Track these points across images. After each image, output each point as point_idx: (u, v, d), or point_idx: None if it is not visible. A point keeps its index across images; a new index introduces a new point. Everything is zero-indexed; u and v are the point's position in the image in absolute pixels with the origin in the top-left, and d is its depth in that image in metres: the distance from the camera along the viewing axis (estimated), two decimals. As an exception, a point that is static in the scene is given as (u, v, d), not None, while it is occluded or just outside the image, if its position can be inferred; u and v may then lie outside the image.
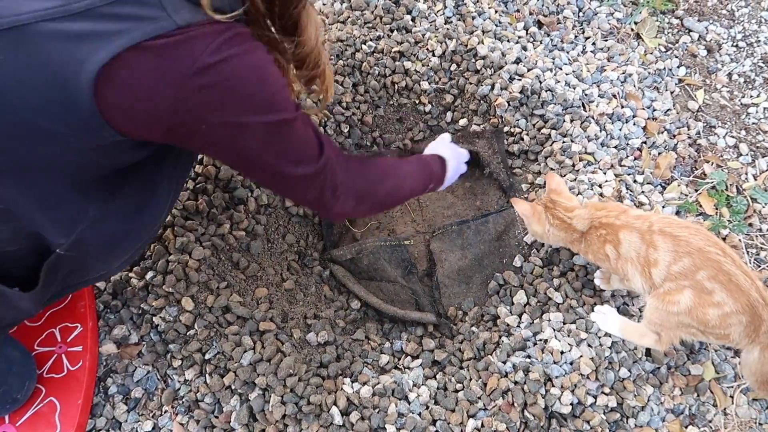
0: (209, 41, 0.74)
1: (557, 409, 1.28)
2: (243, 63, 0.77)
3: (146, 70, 0.71)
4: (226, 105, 0.78)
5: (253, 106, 0.80)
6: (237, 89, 0.78)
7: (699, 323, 1.17)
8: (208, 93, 0.75)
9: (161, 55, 0.71)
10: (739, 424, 1.35)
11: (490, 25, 1.86)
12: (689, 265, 1.16)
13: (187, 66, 0.73)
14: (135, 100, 0.73)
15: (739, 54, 1.98)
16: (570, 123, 1.70)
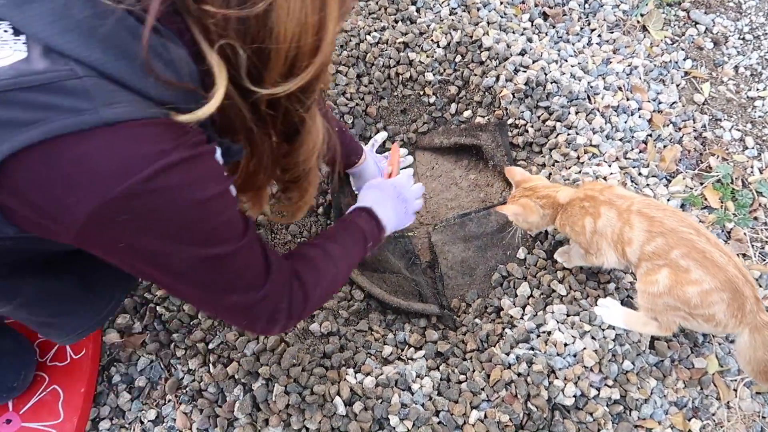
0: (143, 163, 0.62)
1: (560, 401, 1.28)
2: (185, 196, 0.66)
3: (56, 177, 0.60)
4: (153, 233, 0.67)
5: (187, 239, 0.70)
6: (171, 222, 0.67)
7: (682, 303, 1.18)
8: (131, 219, 0.64)
9: (79, 163, 0.60)
10: (742, 417, 1.35)
11: (495, 17, 1.84)
12: (662, 244, 1.18)
13: (110, 186, 0.61)
14: (36, 208, 0.62)
15: (745, 47, 1.96)
16: (575, 115, 1.69)
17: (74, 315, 0.97)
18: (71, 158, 0.60)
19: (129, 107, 0.62)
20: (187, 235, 0.69)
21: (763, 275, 1.50)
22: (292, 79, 0.72)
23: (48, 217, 0.63)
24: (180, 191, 0.66)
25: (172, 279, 0.75)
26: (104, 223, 0.63)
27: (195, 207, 0.68)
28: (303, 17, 0.67)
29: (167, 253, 0.70)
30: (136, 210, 0.63)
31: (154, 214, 0.65)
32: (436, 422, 1.25)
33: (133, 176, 0.61)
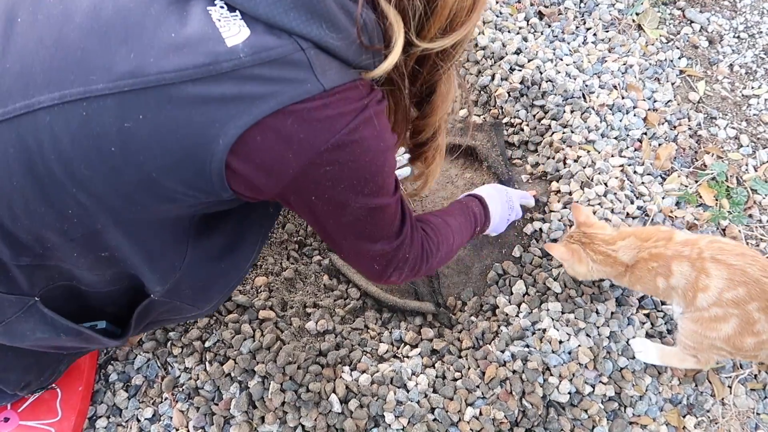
0: (349, 117, 0.71)
1: (555, 398, 1.29)
2: (372, 147, 0.75)
3: (281, 138, 0.68)
4: (344, 183, 0.75)
5: (366, 188, 0.78)
6: (359, 171, 0.75)
7: (733, 348, 1.16)
8: (332, 170, 0.73)
9: (300, 124, 0.68)
10: (737, 414, 1.35)
11: (490, 16, 1.85)
12: (743, 294, 1.12)
13: (323, 140, 0.70)
14: (260, 165, 0.70)
15: (740, 45, 1.97)
16: (570, 114, 1.70)
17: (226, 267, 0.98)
18: (294, 120, 0.67)
19: (338, 73, 0.70)
20: (368, 184, 0.78)
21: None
22: (448, 35, 0.78)
23: (264, 174, 0.71)
24: (371, 141, 0.74)
25: (337, 228, 0.84)
26: (311, 174, 0.72)
27: (379, 156, 0.77)
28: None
29: (347, 203, 0.79)
30: (339, 160, 0.72)
31: (351, 163, 0.73)
32: (431, 419, 1.26)
33: (341, 129, 0.70)
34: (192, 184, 0.70)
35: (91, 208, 0.71)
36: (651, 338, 1.39)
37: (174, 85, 0.64)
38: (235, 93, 0.65)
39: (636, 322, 1.40)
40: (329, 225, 0.84)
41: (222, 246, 0.94)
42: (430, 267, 1.04)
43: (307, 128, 0.69)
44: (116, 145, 0.66)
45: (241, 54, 0.65)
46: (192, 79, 0.64)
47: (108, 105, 0.64)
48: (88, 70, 0.65)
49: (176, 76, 0.64)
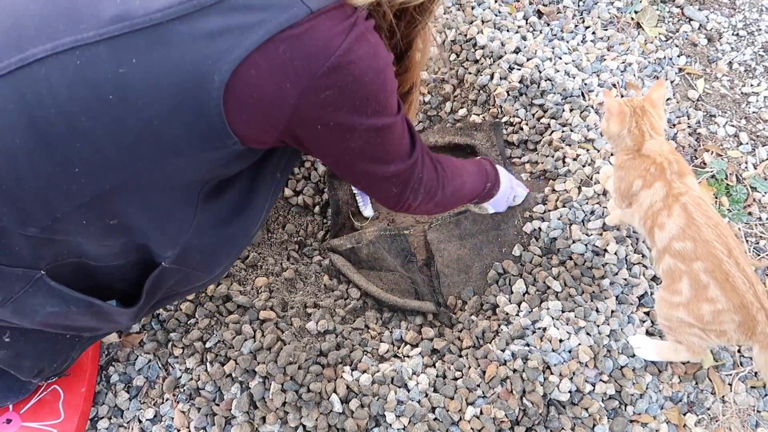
0: (340, 38, 0.70)
1: (555, 396, 1.29)
2: (370, 66, 0.74)
3: (275, 68, 0.67)
4: (346, 106, 0.75)
5: (369, 109, 0.78)
6: (360, 92, 0.75)
7: (696, 319, 1.17)
8: (332, 94, 0.72)
9: (292, 50, 0.67)
10: (737, 412, 1.35)
11: (489, 15, 1.85)
12: (690, 249, 1.16)
13: (319, 64, 0.69)
14: (258, 100, 0.69)
15: (739, 43, 1.97)
16: (569, 112, 1.70)
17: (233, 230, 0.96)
18: (286, 48, 0.67)
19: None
20: (371, 104, 0.77)
21: (758, 270, 1.50)
22: None
23: (265, 107, 0.70)
24: (368, 60, 0.73)
25: (350, 155, 0.84)
26: (311, 100, 0.71)
27: (379, 74, 0.76)
28: None
29: (354, 127, 0.78)
30: (338, 83, 0.71)
31: (351, 85, 0.72)
32: (432, 419, 1.26)
33: (335, 51, 0.69)
34: (194, 130, 0.69)
35: (97, 165, 0.70)
36: (651, 336, 1.39)
37: (162, 25, 0.64)
38: (222, 26, 0.65)
39: (636, 320, 1.40)
40: (341, 154, 0.84)
41: (230, 210, 0.94)
42: (445, 195, 1.06)
43: (300, 54, 0.68)
44: (113, 92, 0.66)
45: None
46: (179, 17, 0.64)
47: (100, 52, 0.65)
48: (77, 18, 0.65)
49: (163, 15, 0.64)
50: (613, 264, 1.46)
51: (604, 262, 1.46)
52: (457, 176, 1.11)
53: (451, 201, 1.12)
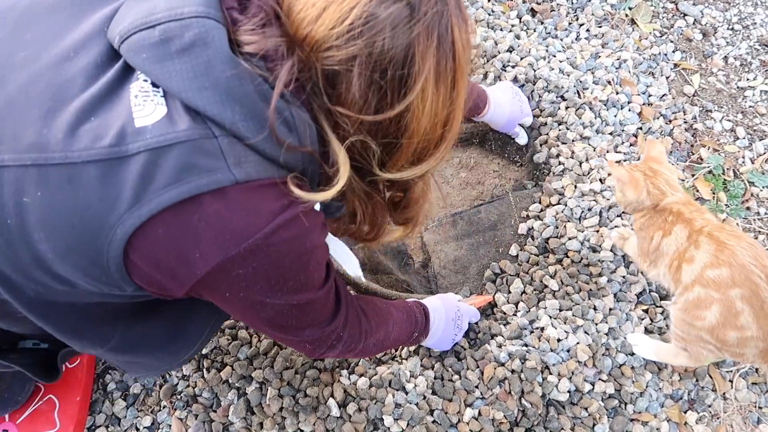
0: (265, 220, 0.64)
1: (554, 396, 1.28)
2: (293, 249, 0.69)
3: (186, 234, 0.63)
4: (259, 285, 0.70)
5: (286, 287, 0.73)
6: (276, 273, 0.70)
7: (718, 341, 1.14)
8: (244, 273, 0.67)
9: (209, 222, 0.62)
10: (738, 408, 1.34)
11: (482, 14, 1.85)
12: (726, 276, 1.10)
13: (234, 244, 0.64)
14: (162, 260, 0.64)
15: (734, 37, 1.96)
16: (565, 110, 1.69)
17: (162, 354, 0.96)
18: (201, 216, 0.62)
19: (256, 167, 0.64)
20: (288, 283, 0.72)
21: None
22: (418, 165, 0.76)
23: (168, 272, 0.65)
24: (293, 243, 0.68)
25: (259, 322, 0.79)
26: (220, 277, 0.66)
27: (302, 257, 0.71)
28: (435, 112, 0.70)
29: (265, 302, 0.73)
30: (253, 264, 0.66)
31: (267, 266, 0.68)
32: (430, 421, 1.25)
33: (258, 232, 0.64)
34: (89, 273, 0.65)
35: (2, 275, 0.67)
36: (650, 334, 1.38)
37: (76, 165, 0.60)
38: (136, 179, 0.60)
39: (634, 318, 1.39)
40: (248, 317, 0.79)
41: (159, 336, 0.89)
42: (366, 347, 1.00)
43: (216, 228, 0.63)
44: (12, 218, 0.62)
45: (148, 136, 0.60)
46: (95, 161, 0.60)
47: (9, 176, 0.62)
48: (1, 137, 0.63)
49: (80, 155, 0.60)
50: (610, 261, 1.45)
51: (601, 259, 1.45)
52: (381, 327, 1.04)
53: (372, 350, 1.05)
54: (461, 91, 0.72)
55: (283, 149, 0.66)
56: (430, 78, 0.67)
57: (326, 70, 0.65)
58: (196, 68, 0.61)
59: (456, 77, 0.70)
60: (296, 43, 0.65)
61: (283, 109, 0.65)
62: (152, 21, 0.63)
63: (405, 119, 0.69)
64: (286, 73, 0.64)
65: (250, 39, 0.65)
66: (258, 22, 0.65)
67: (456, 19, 0.68)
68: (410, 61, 0.65)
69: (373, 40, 0.63)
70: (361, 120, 0.67)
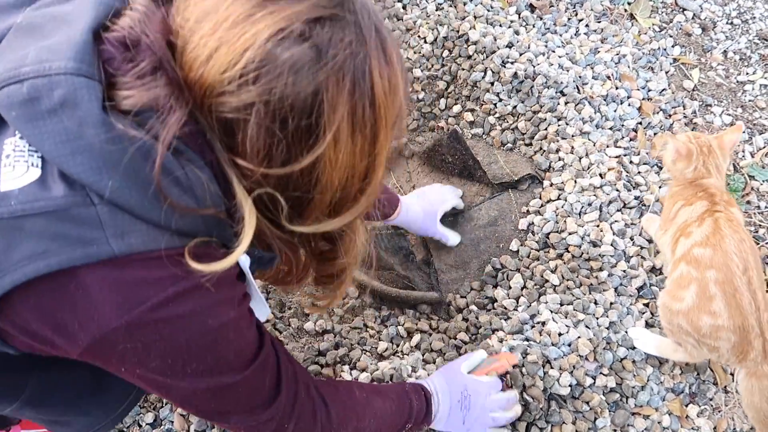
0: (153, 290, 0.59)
1: (556, 390, 1.28)
2: (194, 325, 0.62)
3: (62, 305, 0.58)
4: (154, 363, 0.63)
5: (187, 370, 0.65)
6: (171, 354, 0.63)
7: (693, 329, 1.16)
8: (134, 348, 0.61)
9: (85, 292, 0.57)
10: (739, 402, 1.34)
11: (481, 10, 1.85)
12: (707, 256, 1.14)
13: (113, 317, 0.58)
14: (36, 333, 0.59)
15: (734, 31, 1.96)
16: (564, 106, 1.69)
17: (85, 413, 0.89)
18: (76, 288, 0.57)
19: (142, 237, 0.58)
20: (191, 365, 0.65)
21: (757, 258, 1.49)
22: (335, 218, 0.68)
23: (47, 342, 0.61)
24: (190, 320, 0.62)
25: (174, 401, 0.72)
26: (106, 350, 0.61)
27: (205, 336, 0.64)
28: (351, 165, 0.63)
29: (167, 384, 0.66)
30: (141, 339, 0.60)
31: (159, 344, 0.61)
32: (432, 416, 1.26)
33: (139, 306, 0.58)
34: None
35: None
36: (650, 328, 1.38)
37: None
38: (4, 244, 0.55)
39: (635, 312, 1.39)
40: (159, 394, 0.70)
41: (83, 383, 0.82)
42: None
43: (95, 298, 0.57)
44: None
45: (13, 201, 0.55)
46: None
47: None
48: None
49: None
50: (611, 256, 1.45)
51: (602, 254, 1.45)
52: (350, 422, 0.89)
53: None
54: (384, 141, 0.64)
55: (173, 215, 0.59)
56: (344, 127, 0.60)
57: (221, 117, 0.59)
58: (68, 131, 0.55)
59: (377, 126, 0.62)
60: (188, 86, 0.58)
61: (173, 167, 0.58)
62: (20, 75, 0.57)
63: (315, 172, 0.61)
64: (172, 127, 0.57)
65: (128, 93, 0.58)
66: (140, 71, 0.58)
67: (377, 62, 0.61)
68: (318, 110, 0.58)
69: (270, 86, 0.56)
70: (264, 174, 0.60)
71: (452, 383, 1.13)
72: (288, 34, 0.56)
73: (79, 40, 0.58)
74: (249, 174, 0.61)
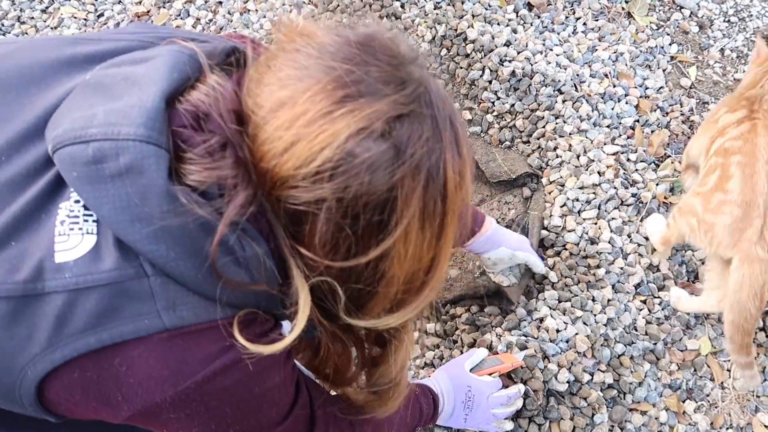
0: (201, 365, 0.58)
1: (554, 387, 1.29)
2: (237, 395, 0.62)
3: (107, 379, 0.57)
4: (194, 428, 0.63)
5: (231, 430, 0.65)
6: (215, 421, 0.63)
7: (702, 207, 1.22)
8: (176, 418, 0.61)
9: (131, 366, 0.57)
10: (736, 397, 1.35)
11: (479, 9, 1.85)
12: (737, 146, 1.22)
13: (159, 391, 0.58)
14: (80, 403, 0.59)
15: (731, 29, 1.97)
16: (562, 104, 1.70)
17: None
18: (122, 361, 0.57)
19: (193, 310, 0.57)
20: (235, 427, 0.65)
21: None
22: (395, 313, 0.65)
23: (92, 411, 0.60)
24: (236, 390, 0.61)
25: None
26: (149, 418, 0.60)
27: (249, 403, 0.64)
28: (418, 258, 0.61)
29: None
30: (186, 411, 0.60)
31: (204, 414, 0.61)
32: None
33: (187, 380, 0.58)
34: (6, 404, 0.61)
35: None
36: (648, 324, 1.39)
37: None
38: (51, 321, 0.55)
39: (632, 309, 1.40)
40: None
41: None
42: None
43: (140, 373, 0.57)
44: None
45: (67, 274, 0.55)
46: (7, 297, 0.54)
47: None
48: None
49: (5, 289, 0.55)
50: (608, 253, 1.46)
51: (599, 251, 1.46)
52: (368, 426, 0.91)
53: None
54: (450, 234, 0.62)
55: (226, 289, 0.57)
56: (414, 223, 0.58)
57: (289, 208, 0.57)
58: (129, 197, 0.54)
59: (445, 221, 0.61)
60: (258, 174, 0.57)
61: (234, 247, 0.57)
62: (86, 136, 0.55)
63: (382, 266, 0.60)
64: (235, 208, 0.56)
65: (194, 169, 0.56)
66: (209, 147, 0.57)
67: (450, 155, 0.59)
68: (390, 206, 0.56)
69: (346, 184, 0.54)
70: (328, 265, 0.59)
71: (457, 383, 1.14)
72: (369, 134, 0.54)
73: (150, 107, 0.56)
74: (311, 264, 0.59)
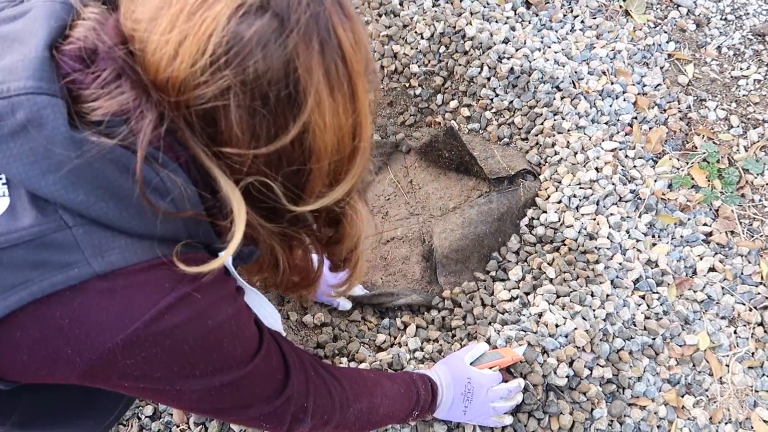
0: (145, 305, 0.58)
1: (553, 381, 1.29)
2: (194, 330, 0.62)
3: (51, 333, 0.57)
4: (159, 373, 0.62)
5: (197, 371, 0.65)
6: (176, 362, 0.62)
7: None
8: (134, 363, 0.60)
9: (72, 317, 0.56)
10: (735, 392, 1.36)
11: (478, 7, 1.86)
12: None
13: (107, 337, 0.57)
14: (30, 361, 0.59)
15: (728, 27, 1.98)
16: (560, 101, 1.70)
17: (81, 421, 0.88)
18: (63, 313, 0.56)
19: (123, 252, 0.57)
20: (199, 367, 0.65)
21: (752, 251, 1.51)
22: (336, 187, 0.67)
23: (43, 370, 0.60)
24: (189, 326, 0.61)
25: (186, 407, 0.72)
26: (105, 370, 0.60)
27: (207, 337, 0.63)
28: (338, 125, 0.62)
29: (176, 390, 0.66)
30: (141, 354, 0.60)
31: (160, 354, 0.61)
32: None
33: (134, 323, 0.58)
34: None
35: None
36: (647, 320, 1.39)
37: None
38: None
39: (631, 304, 1.40)
40: (168, 404, 0.70)
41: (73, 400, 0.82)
42: (346, 418, 0.88)
43: (84, 322, 0.57)
44: None
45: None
46: None
47: None
48: None
49: None
50: (607, 248, 1.46)
51: (598, 246, 1.46)
52: (363, 397, 0.91)
53: (356, 424, 0.92)
54: (362, 93, 0.64)
55: (155, 222, 0.58)
56: (323, 89, 0.59)
57: (200, 110, 0.57)
58: (35, 151, 0.54)
59: (353, 81, 0.62)
60: (159, 88, 0.57)
61: (150, 176, 0.57)
62: None
63: (306, 141, 0.61)
64: (147, 131, 0.56)
65: (95, 105, 0.56)
66: (103, 80, 0.57)
67: (337, 17, 0.60)
68: (294, 78, 0.57)
69: (243, 66, 0.55)
70: (254, 155, 0.59)
71: (456, 375, 1.14)
72: (248, 9, 0.55)
73: (34, 58, 0.56)
74: (237, 161, 0.60)
